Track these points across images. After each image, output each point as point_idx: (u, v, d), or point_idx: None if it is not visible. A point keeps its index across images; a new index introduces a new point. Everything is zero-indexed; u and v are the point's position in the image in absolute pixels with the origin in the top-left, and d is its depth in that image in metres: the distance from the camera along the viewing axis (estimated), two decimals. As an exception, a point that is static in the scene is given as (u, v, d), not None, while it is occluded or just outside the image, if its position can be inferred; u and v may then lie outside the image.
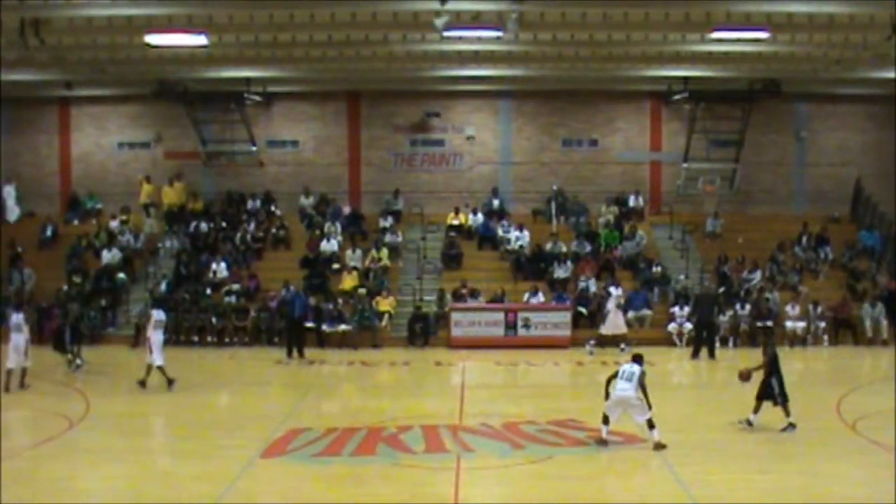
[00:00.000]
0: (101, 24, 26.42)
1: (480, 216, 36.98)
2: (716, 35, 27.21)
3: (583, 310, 32.14)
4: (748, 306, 31.73)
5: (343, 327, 31.30)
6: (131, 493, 14.94)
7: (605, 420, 17.64)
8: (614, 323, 30.09)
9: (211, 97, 36.94)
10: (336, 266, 34.54)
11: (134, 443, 18.44)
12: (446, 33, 25.87)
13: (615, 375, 17.80)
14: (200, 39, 26.70)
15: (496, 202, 37.65)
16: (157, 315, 24.23)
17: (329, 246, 35.25)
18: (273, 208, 37.66)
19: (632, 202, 37.51)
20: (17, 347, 23.42)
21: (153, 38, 26.65)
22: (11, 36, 25.81)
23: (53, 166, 39.24)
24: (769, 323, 31.29)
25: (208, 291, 33.18)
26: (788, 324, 31.45)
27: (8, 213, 38.34)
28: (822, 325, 31.59)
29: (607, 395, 17.92)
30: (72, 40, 27.90)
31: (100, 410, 21.24)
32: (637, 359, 18.01)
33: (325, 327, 31.20)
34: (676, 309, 31.41)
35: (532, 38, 28.72)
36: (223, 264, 34.27)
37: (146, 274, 34.78)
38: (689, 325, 30.65)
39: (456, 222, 36.79)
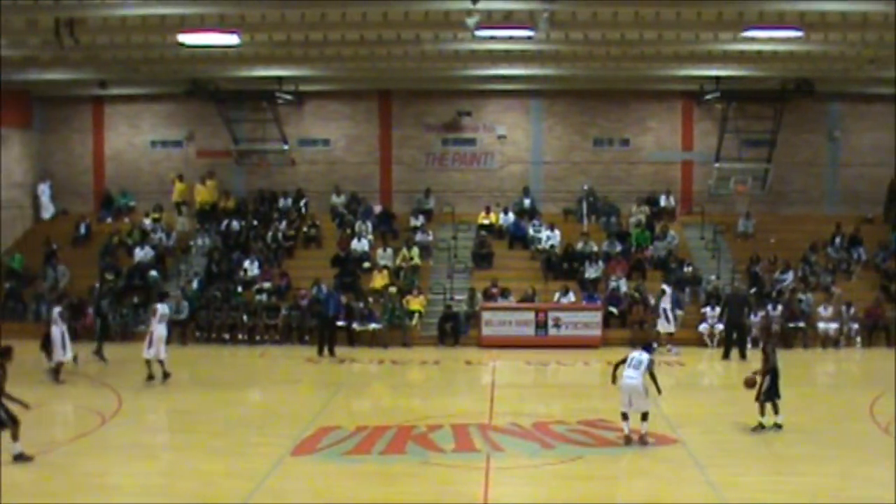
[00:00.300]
0: (135, 24, 26.52)
1: (511, 215, 36.92)
2: (748, 34, 26.99)
3: (613, 310, 32.04)
4: (780, 307, 31.53)
5: (373, 326, 31.32)
6: (162, 490, 15.08)
7: (625, 417, 17.76)
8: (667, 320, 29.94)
9: (243, 96, 37.09)
10: (367, 265, 34.58)
11: (165, 439, 18.62)
12: (478, 32, 25.83)
13: (623, 361, 17.95)
14: (232, 39, 26.77)
15: (527, 201, 37.59)
16: (162, 308, 24.72)
17: (360, 245, 35.30)
18: (304, 207, 37.76)
19: (663, 202, 37.36)
20: (55, 341, 23.95)
21: (186, 38, 26.73)
22: (46, 35, 25.96)
23: (87, 164, 39.49)
24: (800, 324, 31.10)
25: (239, 289, 33.31)
26: (821, 325, 31.22)
27: (42, 211, 38.70)
28: (855, 326, 31.30)
29: (614, 380, 18.05)
30: (106, 40, 28.04)
31: (131, 407, 21.43)
32: (647, 347, 18.20)
33: (355, 326, 31.23)
34: (708, 309, 31.23)
35: (563, 37, 28.62)
36: (254, 262, 34.42)
37: (178, 272, 34.94)
38: (720, 326, 30.45)
39: (487, 221, 36.72)
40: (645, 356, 17.90)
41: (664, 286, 30.58)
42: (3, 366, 16.88)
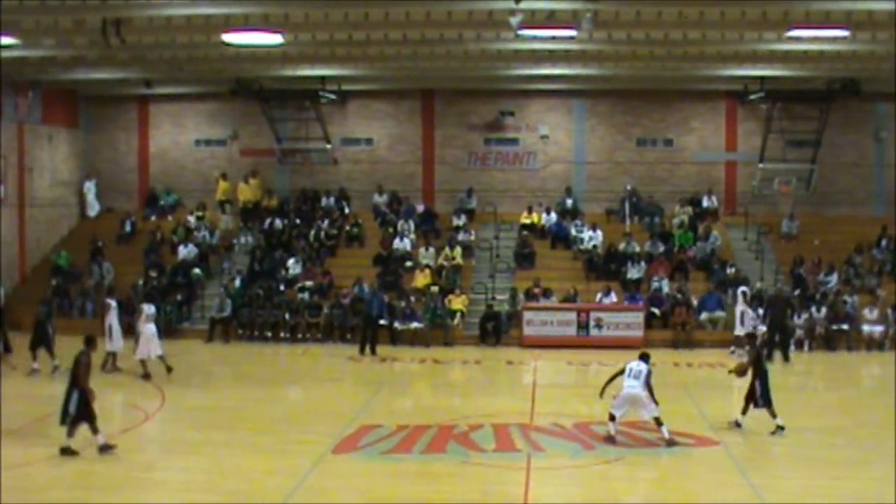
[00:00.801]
0: (180, 24, 26.71)
1: (554, 215, 36.85)
2: (793, 34, 26.81)
3: (656, 311, 31.88)
4: (824, 309, 31.25)
5: (415, 325, 31.38)
6: (205, 486, 15.19)
7: (612, 418, 17.95)
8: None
9: (286, 95, 37.27)
10: (409, 264, 34.66)
11: (207, 436, 18.71)
12: (520, 32, 25.80)
13: (621, 373, 18.12)
14: (276, 38, 26.91)
15: (569, 201, 37.51)
16: (148, 309, 25.18)
17: (402, 244, 35.38)
18: (346, 206, 37.87)
19: (705, 202, 37.12)
20: (107, 331, 24.59)
21: (230, 37, 26.88)
22: (93, 35, 26.22)
23: (132, 163, 39.86)
24: (844, 326, 30.81)
25: (282, 288, 33.49)
26: (865, 327, 30.90)
27: (88, 209, 39.10)
28: (901, 329, 31.02)
29: (602, 392, 18.41)
30: (151, 39, 28.25)
31: (174, 403, 21.61)
32: (644, 357, 18.34)
33: (397, 325, 31.31)
34: (751, 311, 30.97)
35: (607, 37, 28.51)
36: (297, 261, 34.56)
37: (221, 269, 35.15)
38: (762, 328, 30.20)
39: (529, 221, 36.67)
40: (644, 366, 18.08)
41: (743, 288, 30.31)
42: (88, 355, 17.10)
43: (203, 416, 20.73)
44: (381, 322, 30.41)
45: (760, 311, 30.21)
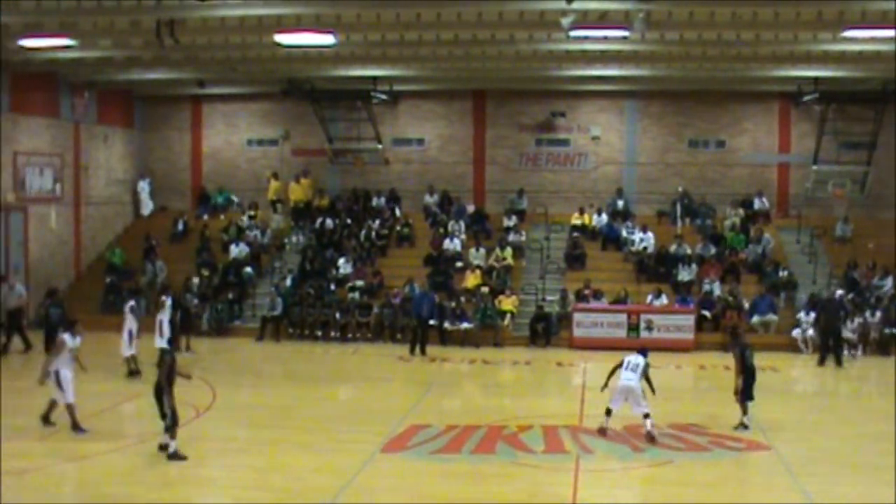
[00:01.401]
0: (233, 24, 26.90)
1: (605, 217, 36.72)
2: (849, 34, 26.50)
3: (706, 313, 31.68)
4: (878, 313, 30.87)
5: (465, 325, 31.38)
6: (254, 484, 15.32)
7: (608, 412, 18.30)
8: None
9: (338, 95, 37.42)
10: (459, 264, 34.67)
11: (257, 434, 18.86)
12: (572, 33, 25.70)
13: (619, 366, 18.47)
14: (328, 38, 27.02)
15: (621, 203, 37.36)
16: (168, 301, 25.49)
17: (452, 244, 35.39)
18: (397, 206, 37.96)
19: (757, 204, 36.79)
20: (123, 336, 24.53)
21: (282, 38, 27.04)
22: (148, 36, 26.48)
23: (185, 162, 40.25)
24: (897, 331, 30.48)
25: (332, 287, 33.65)
26: (921, 332, 30.54)
27: (142, 208, 39.55)
28: (958, 334, 30.56)
29: (606, 385, 18.67)
30: (204, 40, 28.48)
31: (225, 401, 21.76)
32: (643, 351, 18.80)
33: (447, 325, 31.33)
34: (802, 314, 30.73)
35: (659, 37, 28.34)
36: (348, 260, 34.69)
37: (272, 269, 35.40)
38: (810, 332, 29.89)
39: (580, 222, 36.56)
40: (641, 360, 18.44)
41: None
42: (172, 355, 17.27)
43: (253, 414, 20.87)
44: (431, 322, 30.47)
45: (812, 315, 30.02)
